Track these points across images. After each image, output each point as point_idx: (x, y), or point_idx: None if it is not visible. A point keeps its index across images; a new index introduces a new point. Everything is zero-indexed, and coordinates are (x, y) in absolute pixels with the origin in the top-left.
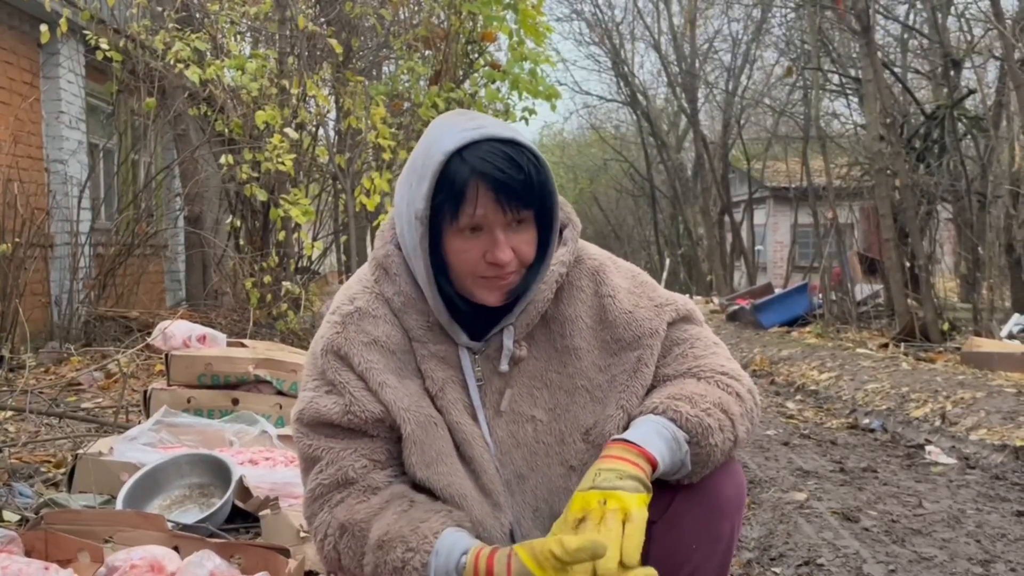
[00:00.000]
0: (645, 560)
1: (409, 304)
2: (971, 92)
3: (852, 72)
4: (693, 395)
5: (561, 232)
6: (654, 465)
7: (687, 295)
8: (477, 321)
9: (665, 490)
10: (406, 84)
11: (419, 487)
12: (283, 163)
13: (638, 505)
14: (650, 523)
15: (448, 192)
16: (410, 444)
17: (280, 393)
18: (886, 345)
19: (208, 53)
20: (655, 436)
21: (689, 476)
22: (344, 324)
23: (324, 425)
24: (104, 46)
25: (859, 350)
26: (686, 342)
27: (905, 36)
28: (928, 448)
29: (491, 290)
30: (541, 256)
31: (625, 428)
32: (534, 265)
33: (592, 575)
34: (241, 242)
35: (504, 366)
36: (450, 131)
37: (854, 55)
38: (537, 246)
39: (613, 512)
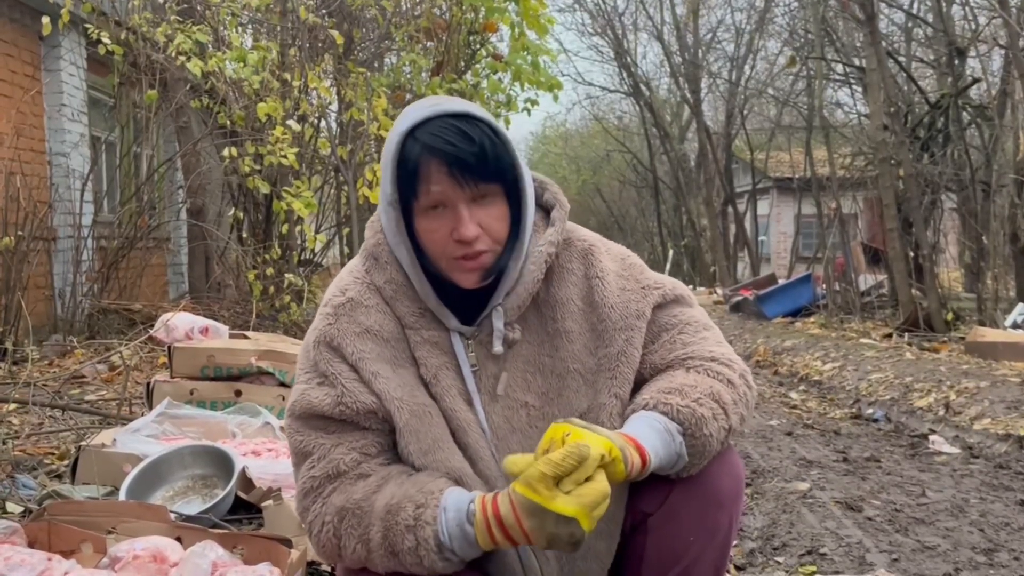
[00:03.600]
0: (643, 552)
1: (400, 291)
2: (975, 81)
3: (856, 61)
4: (683, 387)
5: (549, 212)
6: (644, 457)
7: (690, 286)
8: (467, 306)
9: (663, 482)
10: (408, 75)
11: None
12: (285, 156)
13: (598, 443)
14: (647, 515)
15: (405, 172)
16: (406, 434)
17: (283, 384)
18: (890, 335)
19: (209, 45)
20: (647, 429)
21: (687, 468)
22: (336, 315)
23: (315, 418)
24: (106, 40)
25: (863, 340)
26: (675, 327)
27: (909, 25)
28: (932, 438)
29: (466, 271)
30: (517, 233)
31: (620, 415)
32: (510, 242)
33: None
34: (244, 234)
35: (498, 347)
36: (408, 114)
37: (858, 44)
38: (513, 223)
39: (572, 444)
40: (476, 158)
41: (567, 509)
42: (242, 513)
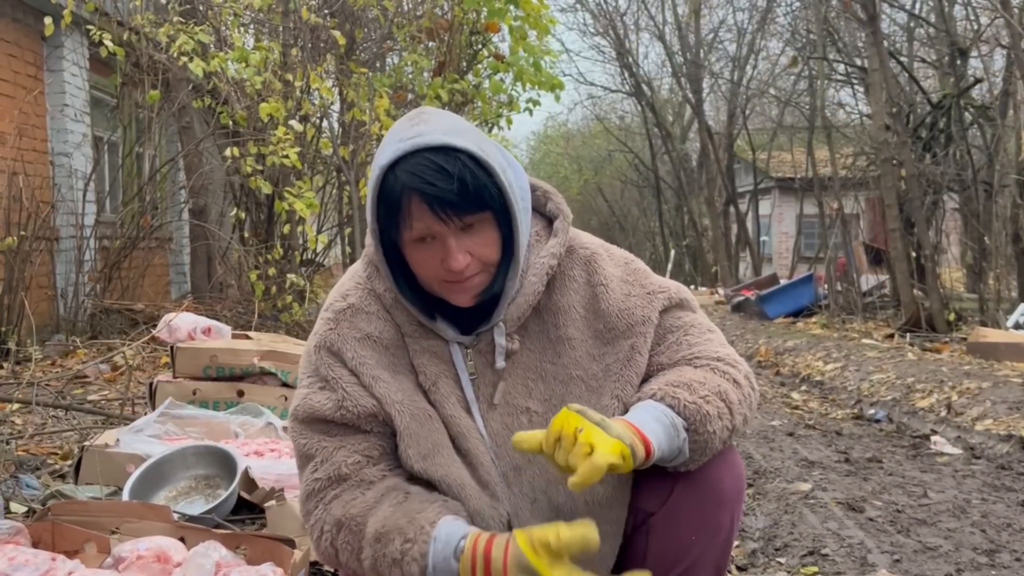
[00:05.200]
0: (645, 552)
1: (399, 301)
2: (978, 81)
3: (858, 61)
4: (692, 382)
5: (552, 223)
6: (648, 449)
7: (691, 286)
8: (467, 315)
9: (664, 481)
10: (410, 75)
11: (415, 479)
12: (287, 156)
13: (608, 448)
14: (649, 515)
15: (387, 207)
16: (406, 437)
17: (285, 385)
18: (891, 335)
19: (212, 46)
20: (653, 421)
21: (687, 464)
22: (337, 320)
23: (318, 421)
24: (108, 42)
25: (864, 340)
26: (680, 329)
27: (911, 25)
28: (933, 438)
29: (459, 293)
30: (512, 250)
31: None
32: (504, 262)
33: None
34: (246, 234)
35: (500, 363)
36: (390, 142)
37: (860, 44)
38: (507, 240)
39: (580, 445)
40: (456, 195)
41: None
42: (245, 513)
